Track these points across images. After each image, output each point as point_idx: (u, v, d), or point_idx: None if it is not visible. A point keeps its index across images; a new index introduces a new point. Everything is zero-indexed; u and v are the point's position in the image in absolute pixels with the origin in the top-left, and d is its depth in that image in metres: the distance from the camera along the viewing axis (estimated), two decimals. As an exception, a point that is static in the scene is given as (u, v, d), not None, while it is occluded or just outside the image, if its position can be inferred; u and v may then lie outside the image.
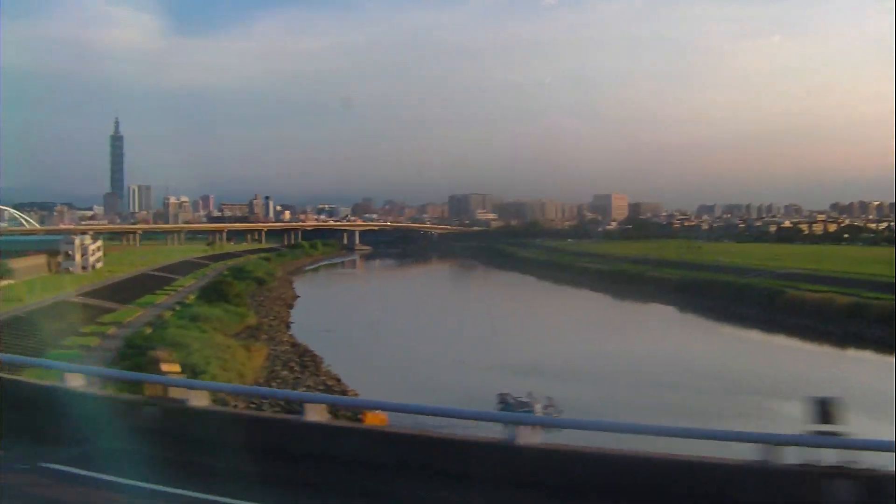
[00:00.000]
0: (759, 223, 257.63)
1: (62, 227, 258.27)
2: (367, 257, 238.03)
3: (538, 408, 33.44)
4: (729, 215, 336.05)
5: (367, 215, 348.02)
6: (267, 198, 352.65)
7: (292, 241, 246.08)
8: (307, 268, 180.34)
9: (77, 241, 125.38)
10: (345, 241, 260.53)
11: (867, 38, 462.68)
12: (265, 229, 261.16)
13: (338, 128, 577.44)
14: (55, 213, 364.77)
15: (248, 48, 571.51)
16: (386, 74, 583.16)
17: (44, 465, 12.59)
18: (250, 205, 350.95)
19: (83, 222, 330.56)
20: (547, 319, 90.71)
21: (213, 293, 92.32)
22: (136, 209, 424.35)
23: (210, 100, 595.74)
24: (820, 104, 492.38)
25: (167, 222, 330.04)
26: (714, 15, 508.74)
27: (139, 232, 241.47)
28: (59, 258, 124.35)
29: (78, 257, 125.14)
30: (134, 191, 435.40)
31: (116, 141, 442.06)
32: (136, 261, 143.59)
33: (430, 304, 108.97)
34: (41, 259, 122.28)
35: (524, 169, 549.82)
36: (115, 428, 13.09)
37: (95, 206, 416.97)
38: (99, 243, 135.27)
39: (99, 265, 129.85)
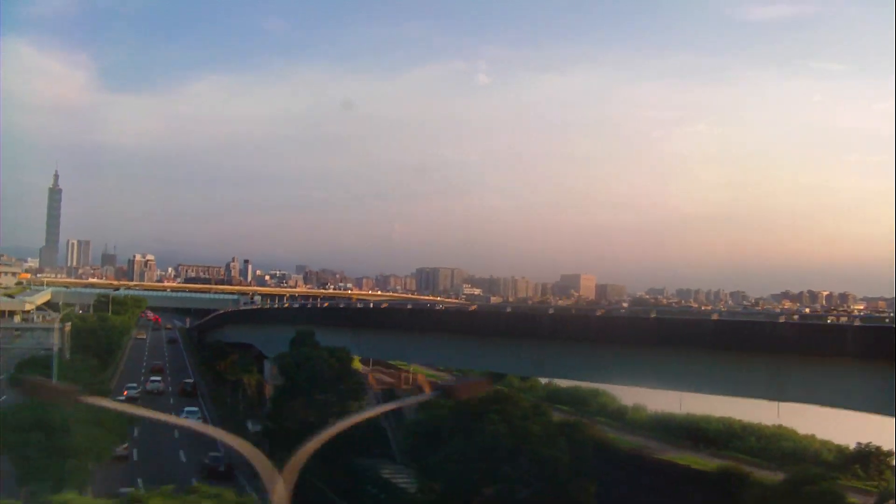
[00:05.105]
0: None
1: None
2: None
3: None
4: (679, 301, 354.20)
5: (341, 284, 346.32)
6: (246, 261, 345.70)
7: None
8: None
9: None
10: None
11: (791, 132, 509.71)
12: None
13: (272, 195, 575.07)
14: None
15: (182, 110, 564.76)
16: (315, 144, 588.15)
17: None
18: (227, 267, 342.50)
19: (38, 276, 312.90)
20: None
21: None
22: (75, 263, 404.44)
23: (143, 158, 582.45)
24: (757, 193, 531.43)
25: (131, 280, 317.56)
26: (642, 102, 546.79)
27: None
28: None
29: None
30: (73, 245, 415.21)
31: (55, 194, 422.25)
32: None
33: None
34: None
35: (455, 243, 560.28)
36: None
37: (30, 259, 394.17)
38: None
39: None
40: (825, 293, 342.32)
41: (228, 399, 73.91)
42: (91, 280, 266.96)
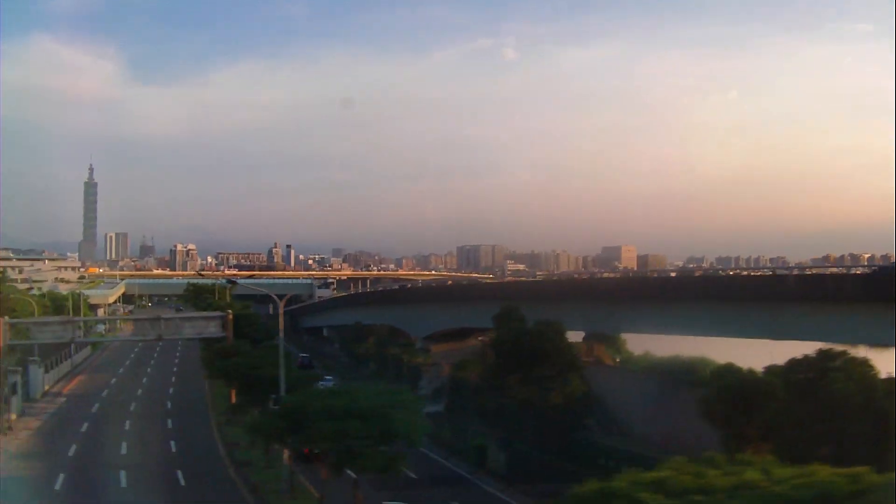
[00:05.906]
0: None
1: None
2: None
3: None
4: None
5: (382, 266, 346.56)
6: (288, 246, 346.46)
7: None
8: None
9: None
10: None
11: (823, 95, 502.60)
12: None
13: (303, 180, 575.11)
14: (46, 262, 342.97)
15: (210, 99, 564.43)
16: (343, 127, 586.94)
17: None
18: (269, 253, 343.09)
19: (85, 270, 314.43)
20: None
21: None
22: (114, 256, 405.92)
23: (174, 148, 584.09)
24: (791, 158, 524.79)
25: (174, 269, 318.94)
26: (671, 71, 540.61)
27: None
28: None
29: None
30: (111, 238, 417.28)
31: (90, 187, 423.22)
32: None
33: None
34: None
35: (492, 220, 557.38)
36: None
37: (69, 253, 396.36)
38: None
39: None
40: (867, 255, 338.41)
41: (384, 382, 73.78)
42: (155, 271, 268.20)
